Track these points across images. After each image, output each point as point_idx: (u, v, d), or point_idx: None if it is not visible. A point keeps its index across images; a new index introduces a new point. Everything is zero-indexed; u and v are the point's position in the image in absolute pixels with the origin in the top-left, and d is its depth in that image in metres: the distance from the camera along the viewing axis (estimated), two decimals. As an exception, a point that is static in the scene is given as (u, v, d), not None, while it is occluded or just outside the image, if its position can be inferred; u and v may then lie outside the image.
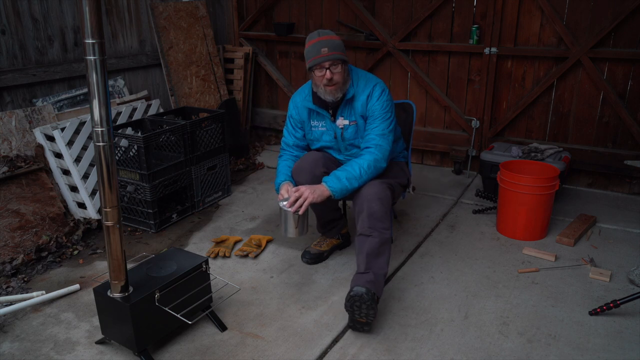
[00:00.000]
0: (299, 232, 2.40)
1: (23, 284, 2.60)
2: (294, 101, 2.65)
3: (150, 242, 3.06)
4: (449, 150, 4.13)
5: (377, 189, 2.37)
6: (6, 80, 3.13)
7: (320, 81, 2.41)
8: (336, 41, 2.39)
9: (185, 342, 2.17)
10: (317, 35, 2.40)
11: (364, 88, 2.48)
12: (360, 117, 2.51)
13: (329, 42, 2.36)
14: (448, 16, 3.94)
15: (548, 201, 2.96)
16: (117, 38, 3.86)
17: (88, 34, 1.63)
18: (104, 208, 1.86)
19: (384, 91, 2.49)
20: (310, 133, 2.64)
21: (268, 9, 4.65)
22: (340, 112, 2.53)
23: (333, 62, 2.36)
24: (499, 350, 2.11)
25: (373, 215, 2.30)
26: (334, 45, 2.37)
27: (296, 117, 2.65)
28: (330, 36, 2.40)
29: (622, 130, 3.61)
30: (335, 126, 2.55)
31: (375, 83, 2.50)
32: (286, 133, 2.72)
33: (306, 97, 2.58)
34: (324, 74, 2.37)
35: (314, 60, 2.37)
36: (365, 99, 2.48)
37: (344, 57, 2.40)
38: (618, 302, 2.24)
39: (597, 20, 3.49)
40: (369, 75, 2.55)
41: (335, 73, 2.37)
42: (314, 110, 2.56)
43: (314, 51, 2.37)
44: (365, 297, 2.07)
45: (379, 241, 2.27)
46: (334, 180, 2.36)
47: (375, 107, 2.47)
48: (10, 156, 3.05)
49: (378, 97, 2.47)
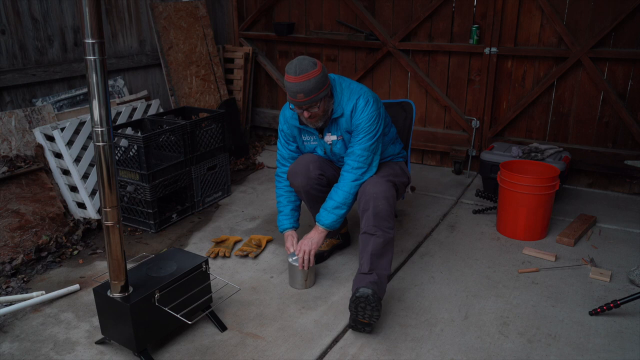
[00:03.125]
0: (308, 284, 2.55)
1: (23, 284, 2.59)
2: (284, 115, 2.62)
3: (150, 242, 3.06)
4: (449, 150, 4.13)
5: (384, 187, 2.36)
6: (6, 80, 3.13)
7: (300, 116, 2.43)
8: (312, 81, 2.25)
9: (185, 342, 2.17)
10: (294, 73, 2.26)
11: (347, 102, 2.42)
12: (346, 132, 2.48)
13: (304, 87, 2.25)
14: (448, 16, 3.94)
15: (548, 201, 2.95)
16: (117, 38, 3.86)
17: (88, 34, 1.63)
18: (104, 208, 1.86)
19: (368, 102, 2.41)
20: (304, 147, 2.67)
21: (268, 9, 4.65)
22: (327, 129, 2.52)
23: (310, 105, 2.32)
24: (499, 350, 2.11)
25: (379, 214, 2.30)
26: (310, 89, 2.25)
27: (287, 131, 2.64)
28: (307, 75, 2.25)
29: (622, 130, 3.60)
30: (324, 142, 2.56)
31: (359, 96, 2.42)
32: (280, 146, 2.72)
33: (293, 116, 2.56)
34: (302, 112, 2.36)
35: (291, 101, 2.34)
36: (349, 114, 2.42)
37: (321, 94, 2.30)
38: (618, 302, 2.24)
39: (597, 20, 3.49)
40: (353, 87, 2.46)
41: (313, 111, 2.34)
42: (302, 128, 2.57)
43: (290, 93, 2.30)
44: (371, 298, 2.07)
45: (383, 241, 2.27)
46: (324, 215, 2.46)
47: (360, 120, 2.41)
48: (10, 156, 3.05)
49: (362, 110, 2.40)
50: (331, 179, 2.62)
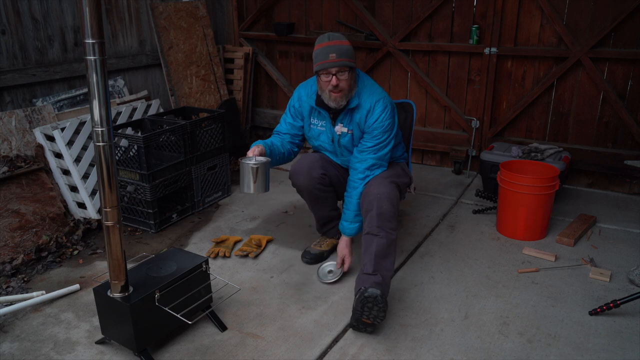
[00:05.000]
0: (257, 187, 2.29)
1: (23, 284, 2.60)
2: (299, 93, 2.63)
3: (150, 242, 3.06)
4: (449, 150, 4.13)
5: (388, 188, 2.37)
6: (6, 80, 3.13)
7: (325, 86, 2.38)
8: (345, 47, 2.35)
9: (185, 342, 2.17)
10: (327, 39, 2.36)
11: (366, 100, 2.44)
12: (357, 127, 2.49)
13: (337, 48, 2.32)
14: (448, 16, 3.94)
15: (548, 201, 2.95)
16: (117, 38, 3.86)
17: (88, 34, 1.63)
18: (104, 208, 1.86)
19: (386, 108, 2.44)
20: (309, 130, 2.64)
21: (268, 9, 4.65)
22: (340, 119, 2.51)
23: (340, 69, 2.32)
24: (499, 350, 2.11)
25: (383, 215, 2.30)
26: (343, 52, 2.32)
27: (298, 108, 2.63)
28: (340, 41, 2.36)
29: (622, 130, 3.61)
30: (333, 130, 2.55)
31: (379, 98, 2.44)
32: (282, 122, 2.69)
33: (311, 96, 2.56)
34: (330, 79, 2.34)
35: (321, 64, 2.33)
36: (365, 113, 2.44)
37: (352, 63, 2.36)
38: (618, 302, 2.24)
39: (597, 20, 3.49)
40: (375, 87, 2.50)
41: (341, 80, 2.34)
42: (315, 109, 2.56)
43: (322, 55, 2.33)
44: (379, 299, 2.07)
45: (387, 242, 2.27)
46: (348, 227, 2.53)
47: (375, 126, 2.44)
48: (10, 156, 3.05)
49: (379, 116, 2.43)
50: (334, 179, 2.62)
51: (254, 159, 2.30)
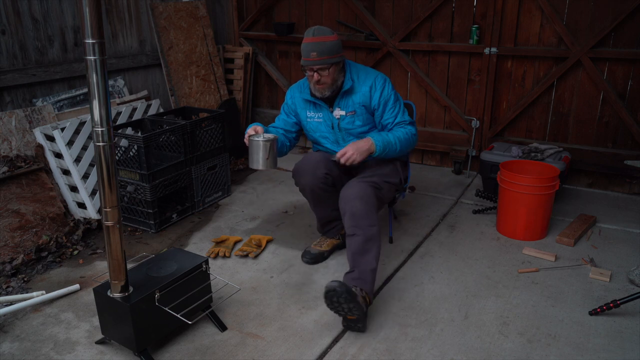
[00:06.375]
0: (269, 163, 2.40)
1: (23, 284, 2.60)
2: (292, 92, 2.77)
3: (150, 242, 3.06)
4: (449, 150, 4.13)
5: (356, 188, 2.41)
6: (6, 80, 3.13)
7: (310, 80, 2.53)
8: (327, 44, 2.43)
9: (185, 342, 2.17)
10: (312, 35, 2.46)
11: (365, 79, 2.57)
12: (362, 106, 2.58)
13: (319, 46, 2.42)
14: (448, 16, 3.94)
15: (548, 201, 2.95)
16: (117, 38, 3.86)
17: (88, 34, 1.63)
18: (104, 208, 1.86)
19: (386, 81, 2.59)
20: (307, 124, 2.72)
21: (268, 9, 4.65)
22: (337, 104, 2.61)
23: (320, 67, 2.45)
24: (499, 350, 2.11)
25: (355, 215, 2.34)
26: (324, 50, 2.42)
27: (291, 105, 2.75)
28: (323, 37, 2.44)
29: (622, 130, 3.61)
30: (332, 116, 2.62)
31: (376, 75, 2.59)
32: (276, 120, 2.81)
33: (304, 91, 2.67)
34: (312, 75, 2.48)
35: (304, 61, 2.48)
36: (367, 90, 2.56)
37: (334, 60, 2.46)
38: (618, 302, 2.24)
39: (597, 20, 3.49)
40: (369, 69, 2.65)
41: (323, 75, 2.48)
42: (310, 101, 2.64)
43: (305, 52, 2.47)
44: (338, 290, 2.05)
45: (363, 239, 2.30)
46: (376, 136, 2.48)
47: (385, 97, 2.56)
48: (10, 156, 3.05)
49: (383, 88, 2.56)
50: (337, 179, 2.63)
51: (262, 136, 2.41)
